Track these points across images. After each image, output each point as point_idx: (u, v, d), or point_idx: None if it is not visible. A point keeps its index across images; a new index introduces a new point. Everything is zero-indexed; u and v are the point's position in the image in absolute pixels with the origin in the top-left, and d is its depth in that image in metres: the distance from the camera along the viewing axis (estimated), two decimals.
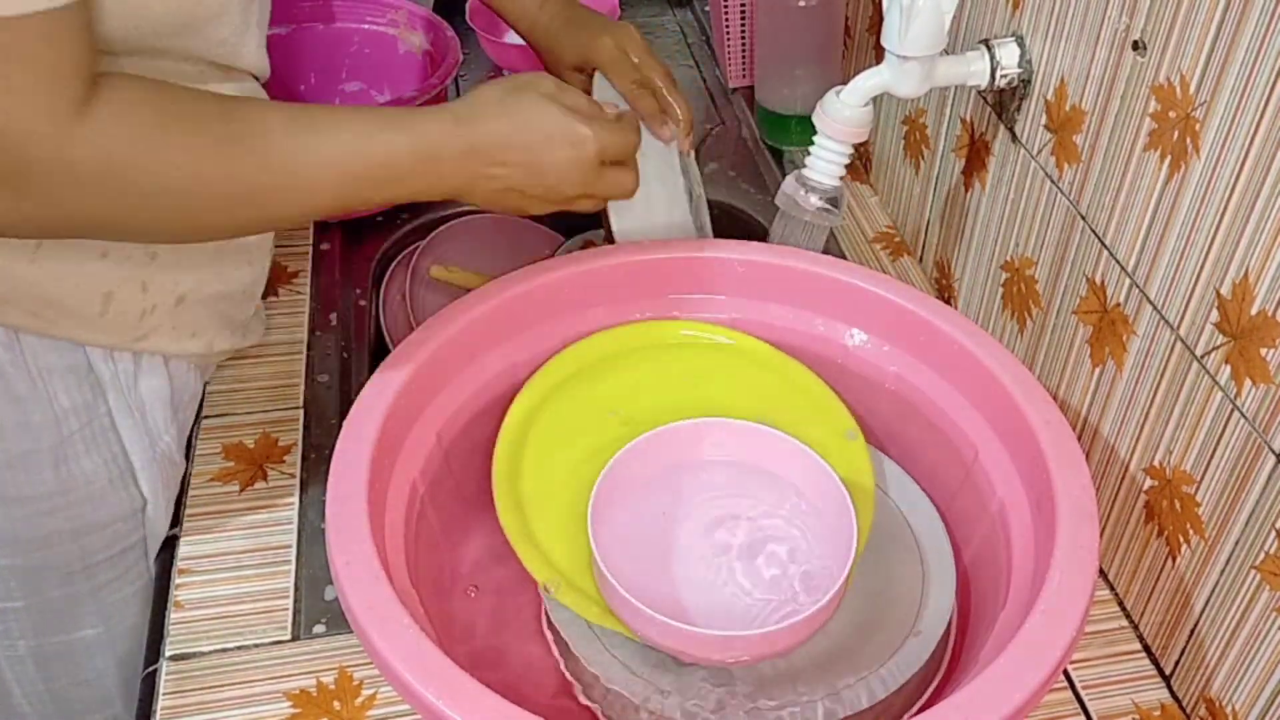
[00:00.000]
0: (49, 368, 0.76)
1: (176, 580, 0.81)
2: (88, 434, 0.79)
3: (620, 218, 0.89)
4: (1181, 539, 0.74)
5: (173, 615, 0.79)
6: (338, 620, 0.78)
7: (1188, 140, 0.69)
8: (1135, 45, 0.73)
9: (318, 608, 0.80)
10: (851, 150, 0.88)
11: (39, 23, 0.57)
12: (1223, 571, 0.71)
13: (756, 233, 1.14)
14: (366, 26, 1.21)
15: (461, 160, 0.72)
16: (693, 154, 1.00)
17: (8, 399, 0.75)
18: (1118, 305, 0.78)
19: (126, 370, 0.79)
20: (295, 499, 0.87)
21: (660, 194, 0.89)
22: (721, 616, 0.69)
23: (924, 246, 1.09)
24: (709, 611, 0.70)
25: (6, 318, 0.73)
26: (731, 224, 1.18)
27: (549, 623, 0.74)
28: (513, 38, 1.39)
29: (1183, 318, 0.72)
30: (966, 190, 0.99)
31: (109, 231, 0.68)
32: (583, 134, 0.73)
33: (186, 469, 0.88)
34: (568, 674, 0.73)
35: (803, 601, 0.68)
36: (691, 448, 0.77)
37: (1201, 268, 0.69)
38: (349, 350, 1.02)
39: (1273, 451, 0.66)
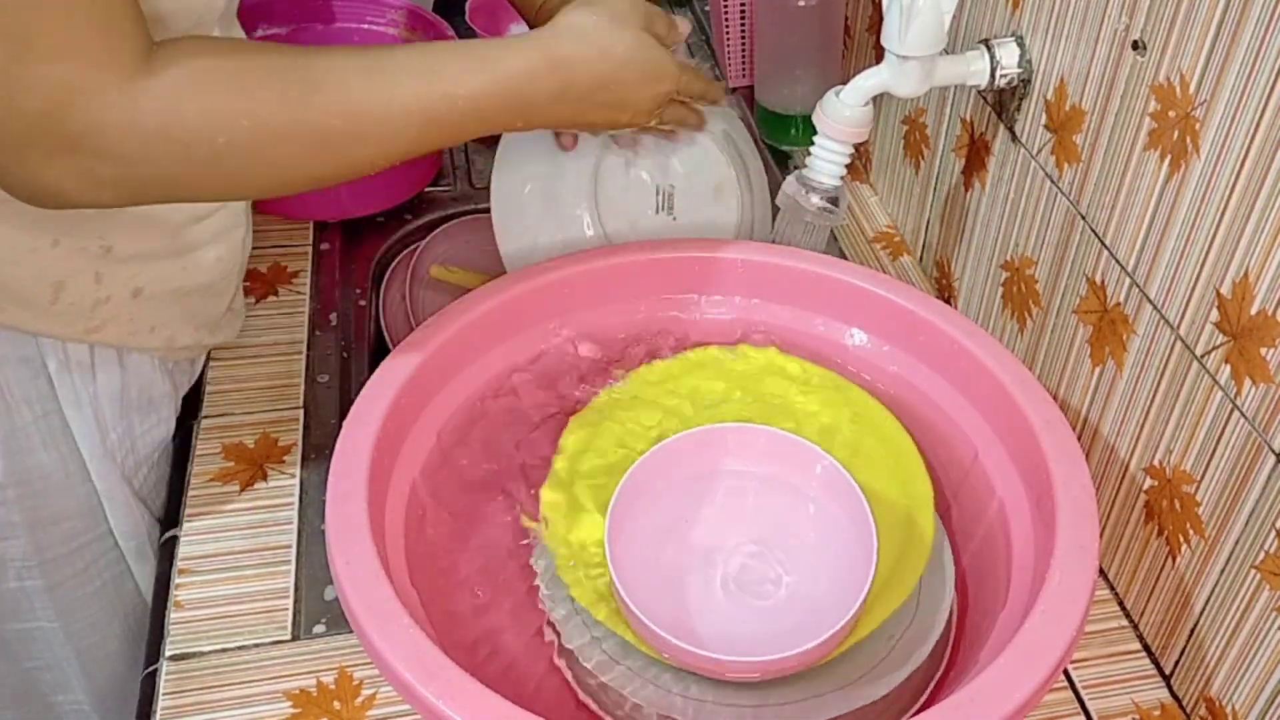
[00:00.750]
0: (1, 357, 0.75)
1: (176, 580, 0.81)
2: (43, 426, 0.79)
3: (505, 240, 0.92)
4: (1181, 539, 0.74)
5: (173, 615, 0.79)
6: (338, 620, 0.78)
7: (1188, 140, 0.69)
8: (1135, 45, 0.73)
9: (318, 608, 0.80)
10: (852, 150, 0.88)
11: None
12: (1223, 571, 0.71)
13: None
14: (366, 26, 1.21)
15: (551, 104, 0.73)
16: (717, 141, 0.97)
17: None
18: (1118, 305, 0.78)
19: (81, 362, 0.78)
20: (295, 499, 0.87)
21: (550, 212, 0.91)
22: (737, 630, 0.69)
23: (924, 246, 1.09)
24: (724, 625, 0.69)
25: None
26: None
27: (549, 621, 0.74)
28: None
29: (1183, 317, 0.72)
30: (966, 190, 0.99)
31: (188, 191, 0.66)
32: (669, 71, 0.77)
33: (187, 469, 0.88)
34: (567, 674, 0.73)
35: (819, 618, 0.67)
36: (714, 455, 0.76)
37: (1201, 267, 0.69)
38: (349, 350, 1.02)
39: (1273, 451, 0.66)
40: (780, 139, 1.25)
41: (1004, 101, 0.90)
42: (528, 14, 0.97)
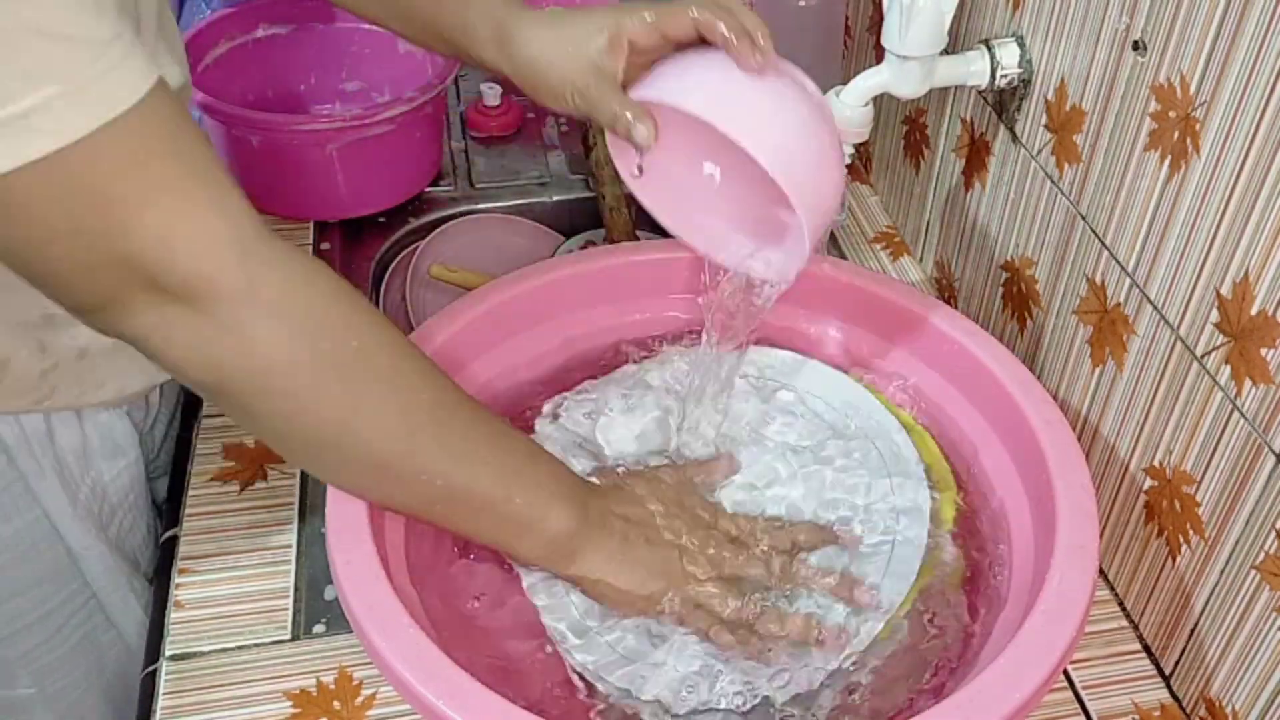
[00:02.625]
0: None
1: (176, 580, 0.81)
2: (5, 499, 0.77)
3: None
4: (1181, 539, 0.74)
5: (173, 615, 0.79)
6: (338, 620, 0.78)
7: (1188, 140, 0.69)
8: (1135, 45, 0.73)
9: (318, 608, 0.80)
10: (851, 150, 0.88)
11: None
12: (1223, 571, 0.71)
13: None
14: (366, 26, 1.20)
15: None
16: None
17: None
18: (1118, 305, 0.78)
19: (37, 429, 0.76)
20: (295, 499, 0.87)
21: None
22: None
23: (924, 246, 1.09)
24: None
25: None
26: None
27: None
28: None
29: (1183, 318, 0.72)
30: (966, 190, 0.99)
31: (267, 404, 0.59)
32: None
33: (187, 470, 0.88)
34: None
35: None
36: None
37: (1201, 268, 0.69)
38: None
39: (1273, 451, 0.66)
40: None
41: (1004, 102, 0.90)
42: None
